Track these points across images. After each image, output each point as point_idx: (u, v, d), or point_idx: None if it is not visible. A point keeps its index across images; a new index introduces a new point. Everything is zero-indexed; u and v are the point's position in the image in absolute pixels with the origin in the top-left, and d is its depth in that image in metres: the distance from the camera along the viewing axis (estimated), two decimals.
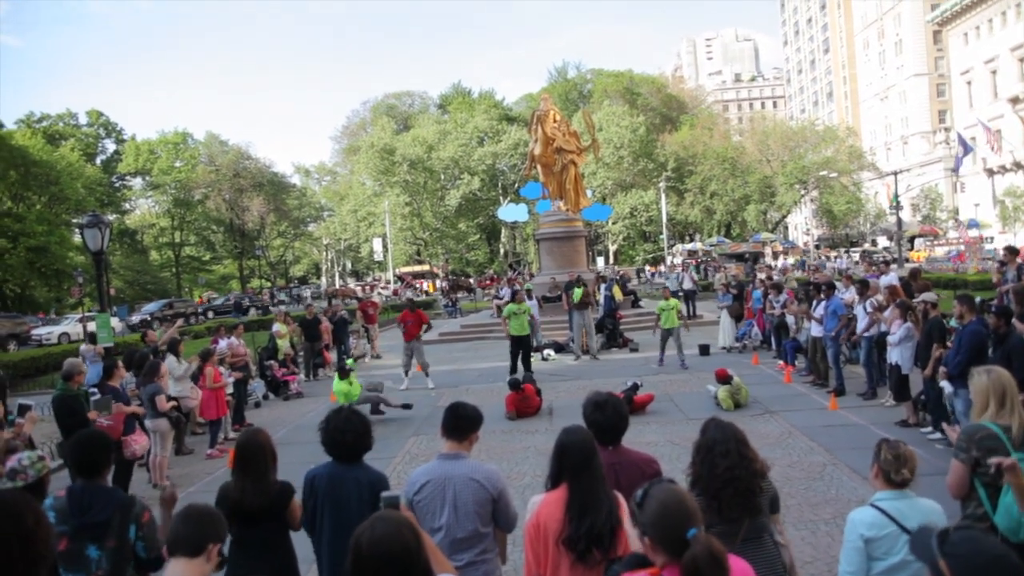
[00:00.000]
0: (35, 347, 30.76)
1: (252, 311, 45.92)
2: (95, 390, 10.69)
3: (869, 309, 12.25)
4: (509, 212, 40.83)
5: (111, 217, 54.11)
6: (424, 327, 16.69)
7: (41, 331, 36.37)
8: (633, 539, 3.08)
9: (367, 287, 61.06)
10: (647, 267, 62.68)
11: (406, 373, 16.47)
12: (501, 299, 29.05)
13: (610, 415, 3.91)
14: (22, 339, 34.12)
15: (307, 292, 63.65)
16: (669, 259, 59.30)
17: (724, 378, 12.47)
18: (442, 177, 72.93)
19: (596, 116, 58.33)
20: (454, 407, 4.14)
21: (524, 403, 12.57)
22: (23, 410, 7.25)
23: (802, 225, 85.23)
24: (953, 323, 9.76)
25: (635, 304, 27.68)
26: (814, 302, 13.80)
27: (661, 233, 65.06)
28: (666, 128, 75.05)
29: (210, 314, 48.18)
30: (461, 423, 4.08)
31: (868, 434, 9.92)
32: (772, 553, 3.68)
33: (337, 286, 72.48)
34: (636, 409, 11.79)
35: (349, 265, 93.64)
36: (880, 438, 3.80)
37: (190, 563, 2.87)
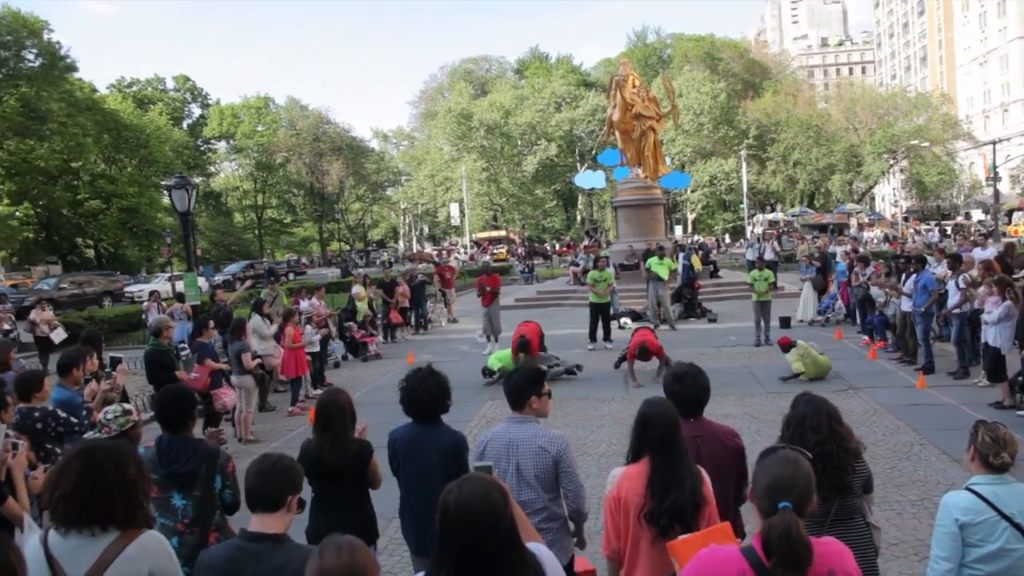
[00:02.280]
0: (128, 304, 32.03)
1: (291, 276, 45.28)
2: (184, 345, 11.08)
3: (962, 285, 11.74)
4: (586, 179, 40.51)
5: (197, 179, 55.71)
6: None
7: (133, 288, 37.81)
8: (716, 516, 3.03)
9: (444, 252, 61.57)
10: (726, 236, 61.42)
11: (488, 338, 16.67)
12: (578, 266, 28.95)
13: (689, 386, 3.84)
14: (116, 296, 35.58)
15: (384, 255, 64.53)
16: (749, 229, 57.98)
17: (787, 345, 12.18)
18: (519, 143, 72.71)
19: (676, 82, 57.09)
20: (506, 379, 4.16)
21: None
22: (114, 363, 7.53)
23: (890, 196, 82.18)
24: None
25: (714, 274, 27.23)
26: (904, 276, 13.29)
27: (741, 202, 63.58)
28: (748, 94, 72.85)
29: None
30: (511, 394, 4.09)
31: (959, 415, 9.56)
32: (863, 535, 3.57)
33: (414, 250, 73.38)
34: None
35: (426, 230, 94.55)
36: (976, 419, 3.62)
37: (271, 517, 2.91)
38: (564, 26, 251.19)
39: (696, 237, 52.74)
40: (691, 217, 73.00)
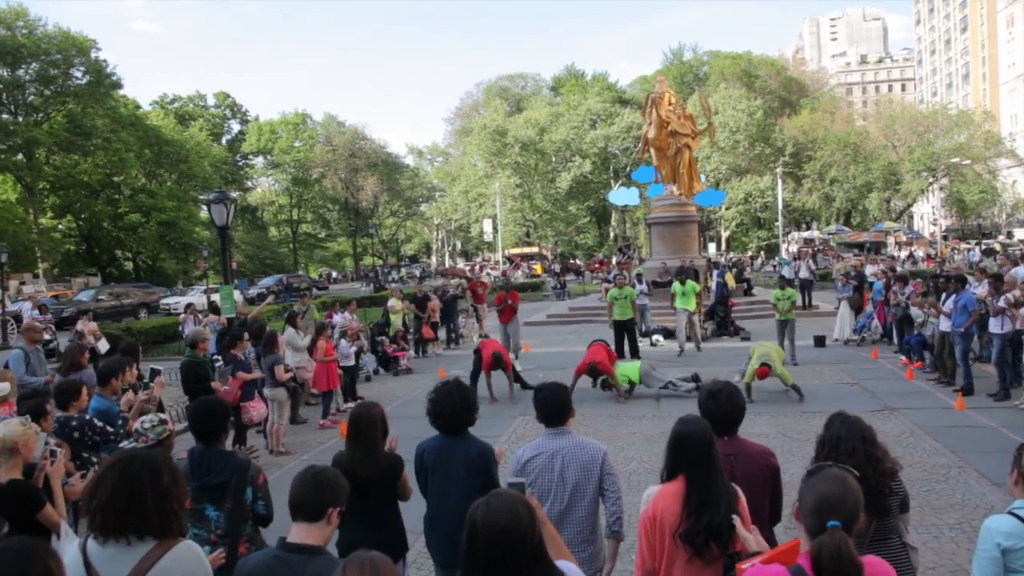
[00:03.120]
0: (163, 315, 32.51)
1: (314, 290, 45.31)
2: (219, 357, 11.20)
3: (1003, 304, 11.50)
4: (620, 196, 40.32)
5: (235, 194, 56.52)
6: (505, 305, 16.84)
7: (169, 300, 38.41)
8: (746, 537, 2.99)
9: (476, 267, 61.74)
10: (760, 254, 60.87)
11: (516, 354, 16.61)
12: (610, 283, 28.84)
13: (723, 404, 3.80)
14: (152, 308, 36.15)
15: (416, 271, 64.90)
16: (784, 247, 57.44)
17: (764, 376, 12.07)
18: (553, 159, 72.85)
19: (712, 99, 56.89)
20: (543, 397, 4.14)
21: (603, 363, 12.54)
22: (154, 374, 7.67)
23: (929, 215, 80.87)
24: None
25: (748, 292, 26.99)
26: (943, 295, 13.06)
27: (776, 220, 63.03)
28: (785, 112, 72.38)
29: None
30: (553, 408, 4.10)
31: (999, 437, 9.35)
32: (900, 556, 3.51)
33: (447, 265, 73.63)
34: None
35: (459, 245, 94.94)
36: (1019, 442, 3.53)
37: (311, 528, 2.95)
38: (600, 44, 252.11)
39: (732, 255, 52.31)
40: (725, 235, 72.47)
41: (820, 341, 17.71)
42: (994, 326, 11.70)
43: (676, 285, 17.96)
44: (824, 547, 2.23)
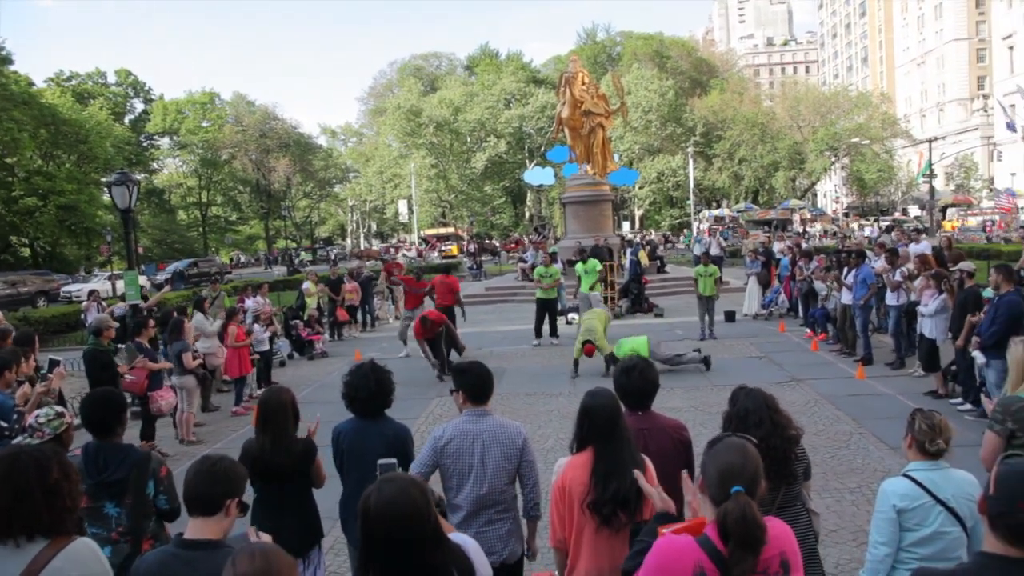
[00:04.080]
0: (65, 303, 31.17)
1: (224, 276, 43.91)
2: (123, 347, 10.81)
3: (899, 278, 12.04)
4: (535, 175, 40.48)
5: (139, 176, 54.37)
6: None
7: (71, 288, 36.81)
8: (649, 492, 3.04)
9: (392, 249, 61.19)
10: (682, 234, 62.16)
11: (405, 342, 15.67)
12: (526, 263, 29.00)
13: (636, 380, 3.86)
14: (52, 296, 34.58)
15: (331, 253, 63.96)
16: (695, 225, 58.79)
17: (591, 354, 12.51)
18: (468, 139, 72.55)
19: (625, 79, 57.39)
20: (479, 372, 4.09)
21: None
22: (52, 365, 7.32)
23: (831, 193, 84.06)
24: (988, 293, 9.57)
25: (661, 269, 27.53)
26: (845, 269, 13.59)
27: (688, 199, 64.39)
28: (695, 92, 73.82)
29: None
30: (483, 388, 4.06)
31: (896, 404, 9.81)
32: (804, 521, 3.64)
33: (362, 247, 72.78)
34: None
35: (374, 227, 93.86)
36: (913, 408, 3.71)
37: (208, 521, 2.82)
38: (515, 23, 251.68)
39: (645, 233, 53.23)
40: (639, 213, 73.66)
41: (731, 316, 18.20)
42: (890, 299, 12.26)
43: (579, 265, 17.42)
44: (729, 512, 2.28)
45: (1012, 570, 2.16)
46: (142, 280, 19.51)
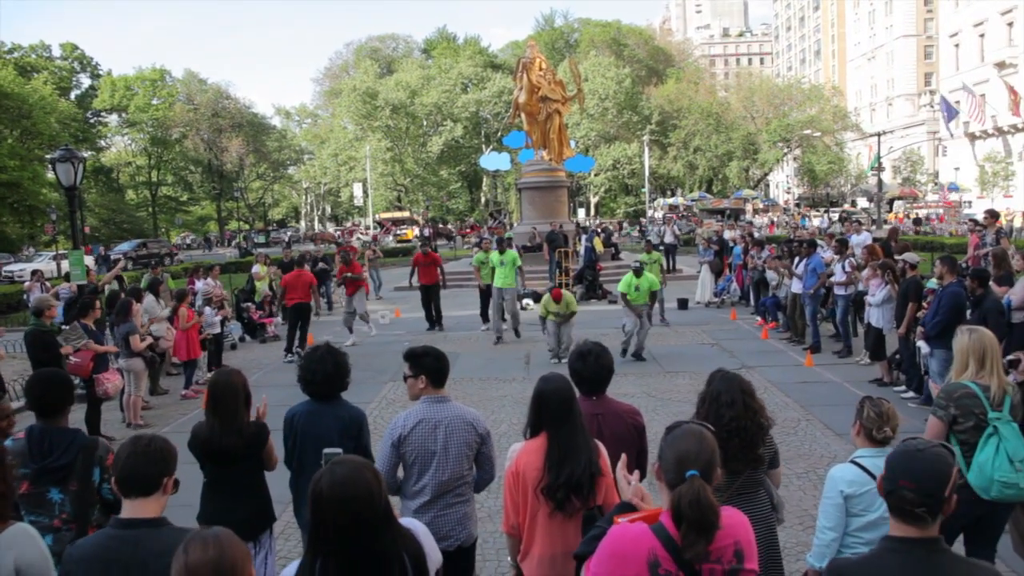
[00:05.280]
0: (6, 283, 30.31)
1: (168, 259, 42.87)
2: (66, 328, 10.54)
3: (847, 268, 12.29)
4: (491, 160, 40.37)
5: (86, 154, 52.99)
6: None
7: (13, 267, 35.80)
8: (624, 488, 3.05)
9: (346, 232, 60.59)
10: (625, 222, 62.57)
11: (351, 329, 15.68)
12: (480, 247, 28.93)
13: (591, 365, 3.87)
14: None
15: (286, 235, 63.17)
16: (650, 213, 59.25)
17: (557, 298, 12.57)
18: (424, 123, 72.03)
19: (582, 66, 57.61)
20: (438, 355, 4.06)
21: None
22: None
23: (783, 183, 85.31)
24: (931, 284, 9.81)
25: (615, 256, 27.71)
26: (796, 259, 13.82)
27: (643, 187, 64.85)
28: (652, 81, 74.27)
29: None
30: (444, 368, 4.04)
31: (842, 391, 10.04)
32: (765, 508, 3.68)
33: (316, 230, 71.95)
34: None
35: (329, 209, 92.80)
36: (860, 396, 3.78)
37: (146, 501, 2.74)
38: (473, 8, 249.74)
39: (600, 220, 53.45)
40: (594, 200, 73.99)
41: (683, 304, 18.42)
42: (838, 288, 12.51)
43: (494, 255, 15.57)
44: (683, 495, 2.29)
45: (913, 549, 2.26)
46: (88, 261, 19.04)
